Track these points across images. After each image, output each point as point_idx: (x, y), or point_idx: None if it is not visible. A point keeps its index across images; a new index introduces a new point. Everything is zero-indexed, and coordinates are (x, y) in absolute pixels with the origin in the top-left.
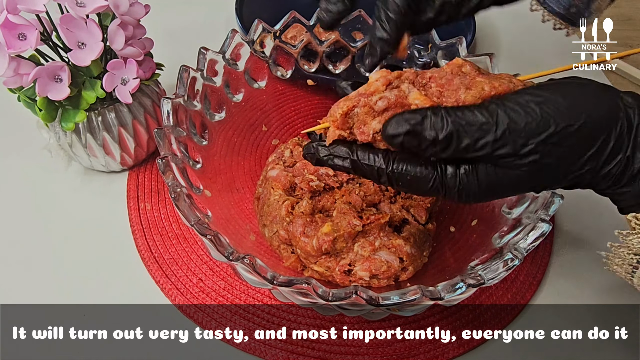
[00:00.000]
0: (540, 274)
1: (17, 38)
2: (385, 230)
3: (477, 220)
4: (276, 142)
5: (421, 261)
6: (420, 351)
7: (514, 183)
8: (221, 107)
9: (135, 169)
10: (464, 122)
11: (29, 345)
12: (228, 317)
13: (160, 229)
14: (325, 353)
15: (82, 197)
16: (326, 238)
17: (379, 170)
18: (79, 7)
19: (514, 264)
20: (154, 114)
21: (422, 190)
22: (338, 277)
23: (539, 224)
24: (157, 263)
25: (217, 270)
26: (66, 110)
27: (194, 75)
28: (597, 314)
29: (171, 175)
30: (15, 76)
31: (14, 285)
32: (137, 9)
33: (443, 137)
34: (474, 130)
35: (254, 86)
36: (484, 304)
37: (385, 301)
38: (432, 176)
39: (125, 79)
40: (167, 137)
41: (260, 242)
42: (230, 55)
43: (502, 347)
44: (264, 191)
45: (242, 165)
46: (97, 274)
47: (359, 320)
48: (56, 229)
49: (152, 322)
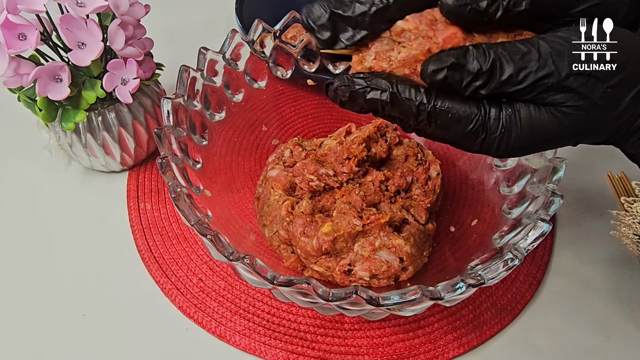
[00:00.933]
0: (540, 274)
1: (17, 38)
2: (385, 230)
3: (477, 220)
4: (276, 142)
5: (421, 261)
6: (420, 351)
7: (556, 126)
8: (221, 107)
9: (135, 169)
10: (505, 53)
11: (28, 345)
12: (228, 317)
13: (160, 229)
14: (325, 353)
15: (82, 197)
16: (326, 238)
17: (420, 105)
18: (79, 7)
19: (514, 264)
20: (154, 114)
21: (460, 133)
22: (338, 277)
23: (539, 224)
24: (157, 263)
25: (217, 270)
26: (66, 110)
27: (194, 75)
28: (597, 314)
29: (171, 175)
30: (15, 76)
31: (14, 285)
32: (137, 9)
33: (486, 68)
34: (517, 60)
35: (254, 86)
36: (483, 304)
37: (386, 301)
38: (475, 116)
39: (125, 79)
40: (167, 137)
41: (260, 242)
42: (230, 55)
43: (502, 347)
44: (264, 191)
45: (242, 165)
46: (97, 274)
47: (359, 320)
48: (56, 229)
49: (152, 322)
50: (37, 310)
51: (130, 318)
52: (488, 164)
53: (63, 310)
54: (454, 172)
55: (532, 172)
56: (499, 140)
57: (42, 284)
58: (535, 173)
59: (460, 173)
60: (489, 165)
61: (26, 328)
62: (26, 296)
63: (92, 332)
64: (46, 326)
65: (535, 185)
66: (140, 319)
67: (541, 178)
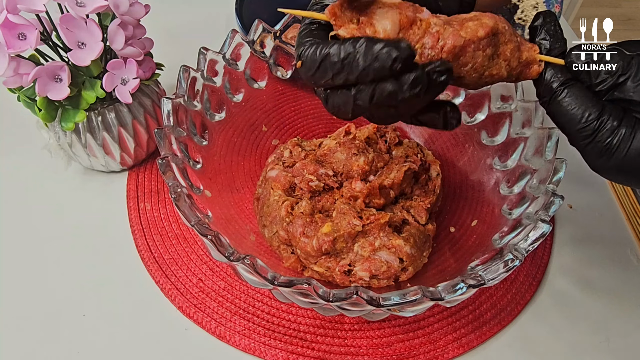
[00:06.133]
0: (540, 274)
1: (17, 38)
2: (385, 230)
3: (477, 221)
4: (276, 142)
5: (421, 261)
6: (420, 351)
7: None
8: (221, 107)
9: (135, 169)
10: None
11: (28, 345)
12: (228, 318)
13: (160, 229)
14: (325, 353)
15: (82, 197)
16: (326, 238)
17: (548, 87)
18: (79, 7)
19: (514, 264)
20: (154, 114)
21: (570, 128)
22: (338, 278)
23: (539, 225)
24: (157, 263)
25: (217, 270)
26: (66, 110)
27: (194, 75)
28: (597, 314)
29: (171, 176)
30: (15, 76)
31: (14, 285)
32: (137, 9)
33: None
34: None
35: (254, 86)
36: (483, 304)
37: (386, 301)
38: (593, 117)
39: (125, 79)
40: (167, 137)
41: (260, 242)
42: (231, 55)
43: (502, 347)
44: (263, 192)
45: (242, 165)
46: (97, 274)
47: (359, 320)
48: (56, 229)
49: (152, 322)
50: (37, 310)
51: (130, 318)
52: (488, 164)
53: (63, 310)
54: (454, 173)
55: (532, 173)
56: (605, 149)
57: (42, 284)
58: (535, 174)
59: (460, 173)
60: (489, 166)
61: (26, 328)
62: (26, 296)
63: (92, 332)
64: (46, 326)
65: (535, 186)
66: (140, 319)
67: (541, 179)
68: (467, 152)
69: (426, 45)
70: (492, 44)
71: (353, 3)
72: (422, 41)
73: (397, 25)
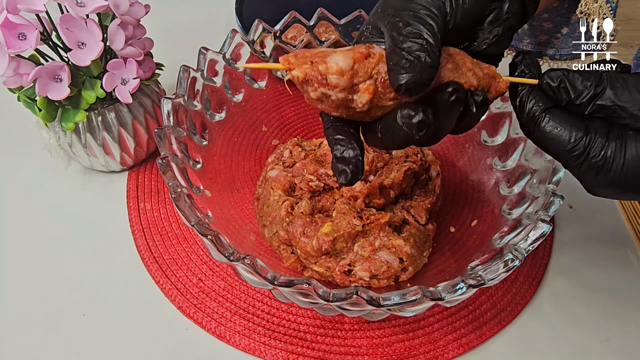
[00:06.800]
0: (540, 274)
1: (17, 38)
2: (385, 230)
3: (477, 221)
4: (276, 142)
5: (421, 261)
6: (420, 351)
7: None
8: (221, 107)
9: (135, 169)
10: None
11: (28, 345)
12: (228, 317)
13: (160, 229)
14: (325, 353)
15: (82, 197)
16: (326, 238)
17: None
18: (79, 7)
19: (514, 264)
20: (154, 114)
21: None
22: (338, 278)
23: (539, 225)
24: (157, 263)
25: (217, 270)
26: (66, 110)
27: (194, 75)
28: (597, 314)
29: (171, 176)
30: (15, 76)
31: (14, 285)
32: (137, 9)
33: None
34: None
35: (254, 86)
36: (483, 304)
37: (386, 301)
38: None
39: (125, 79)
40: (167, 137)
41: (260, 242)
42: (231, 55)
43: (502, 347)
44: (263, 191)
45: (242, 165)
46: (97, 274)
47: (358, 320)
48: (56, 228)
49: (152, 322)
50: (37, 310)
51: (130, 318)
52: (488, 164)
53: (63, 310)
54: (454, 173)
55: (532, 173)
56: (597, 170)
57: (42, 284)
58: (535, 174)
59: (460, 173)
60: (489, 166)
61: (26, 328)
62: (26, 296)
63: (92, 332)
64: (46, 326)
65: (535, 185)
66: (140, 319)
67: (541, 179)
68: (467, 152)
69: (381, 71)
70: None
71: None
72: (377, 68)
73: (351, 59)
